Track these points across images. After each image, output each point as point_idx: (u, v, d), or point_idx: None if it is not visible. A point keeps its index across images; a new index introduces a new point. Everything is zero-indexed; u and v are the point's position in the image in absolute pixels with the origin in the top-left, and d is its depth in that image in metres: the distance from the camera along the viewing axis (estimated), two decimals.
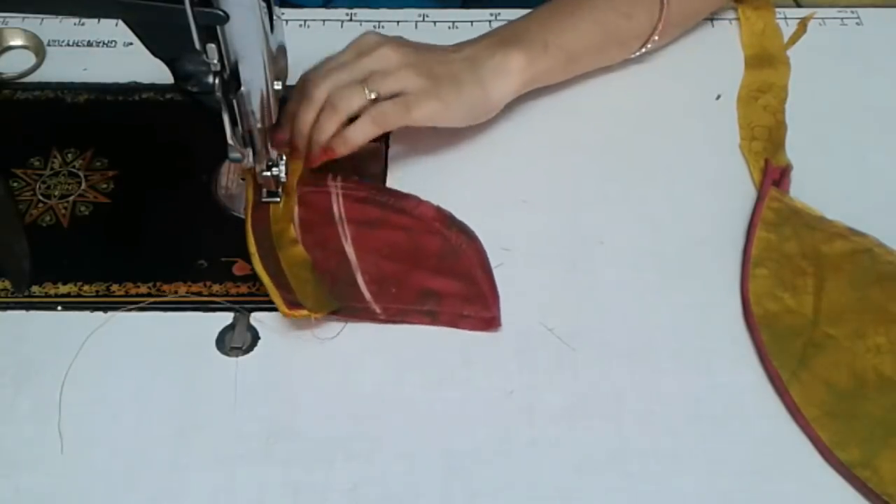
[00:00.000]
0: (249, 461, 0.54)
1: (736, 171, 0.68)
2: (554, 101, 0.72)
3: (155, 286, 0.61)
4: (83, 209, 0.65)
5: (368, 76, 0.62)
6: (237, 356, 0.58)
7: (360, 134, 0.61)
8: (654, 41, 0.72)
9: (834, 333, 0.59)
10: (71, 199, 0.65)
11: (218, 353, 0.58)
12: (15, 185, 0.65)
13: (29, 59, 0.74)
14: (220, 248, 0.62)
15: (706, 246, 0.64)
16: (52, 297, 0.60)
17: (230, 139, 0.56)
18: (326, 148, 0.62)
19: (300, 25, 0.78)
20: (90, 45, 0.76)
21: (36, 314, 0.59)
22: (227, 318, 0.60)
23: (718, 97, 0.73)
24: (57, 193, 0.65)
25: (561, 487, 0.53)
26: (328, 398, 0.56)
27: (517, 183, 0.67)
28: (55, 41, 0.76)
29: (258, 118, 0.56)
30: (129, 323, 0.59)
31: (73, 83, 0.73)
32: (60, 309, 0.60)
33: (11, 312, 0.60)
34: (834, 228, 0.64)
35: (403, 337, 0.59)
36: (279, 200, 0.63)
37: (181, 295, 0.60)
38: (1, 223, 0.60)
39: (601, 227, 0.65)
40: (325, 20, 0.78)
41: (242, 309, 0.60)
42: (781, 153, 0.69)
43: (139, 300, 0.60)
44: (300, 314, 0.57)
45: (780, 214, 0.64)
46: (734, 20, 0.79)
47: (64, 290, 0.60)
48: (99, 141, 0.68)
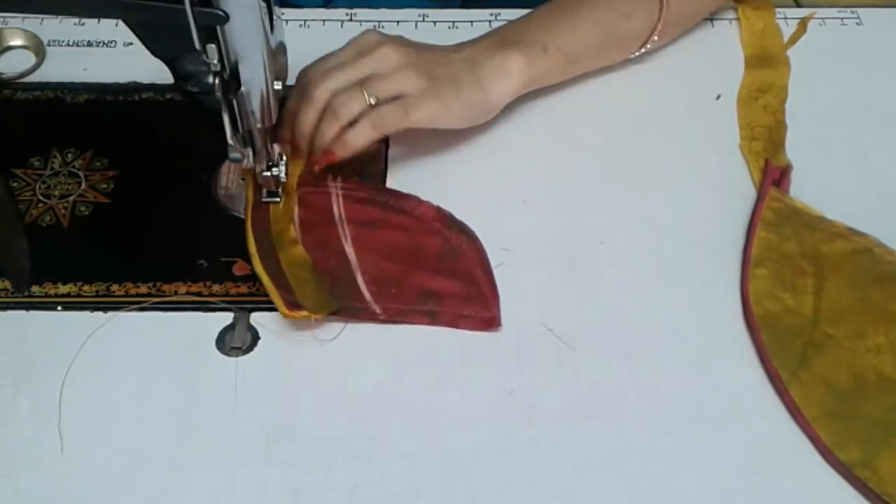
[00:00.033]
0: (249, 461, 0.54)
1: (736, 171, 0.68)
2: (554, 101, 0.72)
3: (155, 286, 0.61)
4: (83, 209, 0.65)
5: (368, 78, 0.62)
6: (237, 356, 0.58)
7: (359, 138, 0.61)
8: (653, 41, 0.72)
9: (834, 333, 0.59)
10: (71, 199, 0.65)
11: (218, 353, 0.58)
12: (15, 185, 0.65)
13: (29, 59, 0.74)
14: (220, 248, 0.62)
15: (706, 246, 0.64)
16: (52, 297, 0.60)
17: (230, 139, 0.56)
18: (327, 151, 0.62)
19: (300, 25, 0.78)
20: (90, 45, 0.76)
21: (36, 314, 0.60)
22: (227, 318, 0.60)
23: (718, 97, 0.73)
24: (57, 193, 0.65)
25: (561, 487, 0.53)
26: (328, 398, 0.56)
27: (517, 183, 0.67)
28: (55, 41, 0.76)
29: (258, 118, 0.56)
30: (129, 323, 0.59)
31: (73, 83, 0.73)
32: (60, 309, 0.60)
33: (11, 312, 0.60)
34: (834, 228, 0.64)
35: (403, 337, 0.59)
36: (279, 200, 0.63)
37: (181, 295, 0.60)
38: (1, 223, 0.60)
39: (601, 227, 0.65)
40: (325, 20, 0.78)
41: (242, 309, 0.60)
42: (781, 153, 0.69)
43: (139, 300, 0.60)
44: (300, 315, 0.57)
45: (780, 214, 0.64)
46: (734, 20, 0.79)
47: (64, 290, 0.60)
48: (99, 141, 0.68)
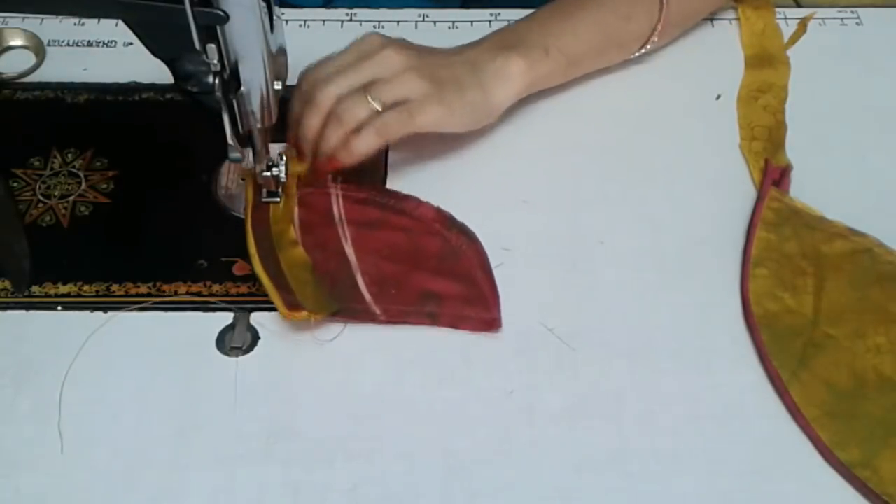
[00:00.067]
0: (249, 461, 0.54)
1: (736, 171, 0.68)
2: (554, 101, 0.72)
3: (155, 286, 0.61)
4: (83, 209, 0.65)
5: (371, 82, 0.62)
6: (237, 356, 0.58)
7: (364, 145, 0.61)
8: (653, 42, 0.72)
9: (834, 333, 0.59)
10: (71, 199, 0.65)
11: (218, 353, 0.58)
12: (15, 185, 0.65)
13: (29, 59, 0.74)
14: (220, 248, 0.62)
15: (706, 246, 0.64)
16: (52, 297, 0.60)
17: (230, 139, 0.56)
18: (332, 158, 0.62)
19: (300, 25, 0.78)
20: (90, 45, 0.76)
21: (36, 314, 0.59)
22: (227, 318, 0.60)
23: (718, 97, 0.73)
24: (57, 193, 0.65)
25: (561, 487, 0.53)
26: (328, 398, 0.56)
27: (517, 183, 0.67)
28: (55, 41, 0.76)
29: (258, 118, 0.56)
30: (129, 323, 0.59)
31: (73, 83, 0.73)
32: (60, 309, 0.60)
33: (11, 312, 0.60)
34: (834, 228, 0.64)
35: (403, 337, 0.59)
36: (279, 200, 0.63)
37: (181, 295, 0.60)
38: (1, 223, 0.60)
39: (601, 227, 0.65)
40: (325, 20, 0.78)
41: (242, 309, 0.60)
42: (781, 153, 0.69)
43: (139, 300, 0.60)
44: (300, 316, 0.57)
45: (780, 214, 0.64)
46: (734, 20, 0.79)
47: (64, 290, 0.60)
48: (99, 141, 0.68)
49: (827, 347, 0.58)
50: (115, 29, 0.76)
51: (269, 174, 0.61)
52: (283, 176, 0.62)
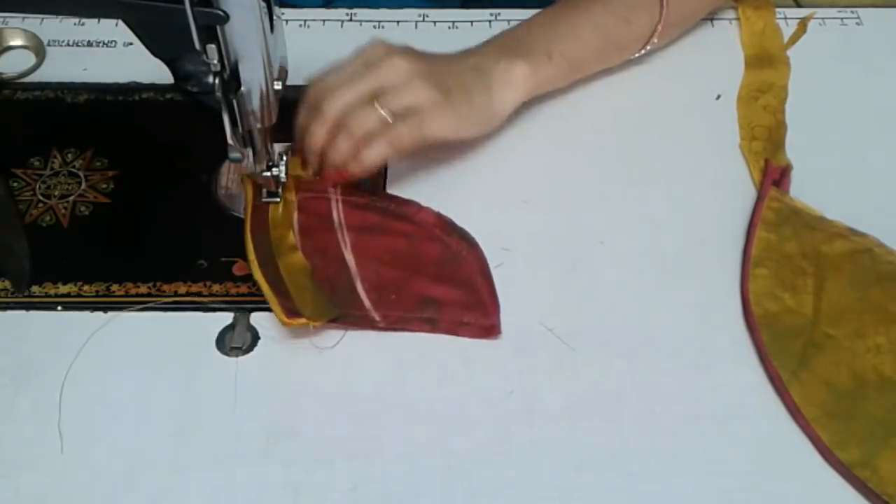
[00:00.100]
0: (249, 461, 0.54)
1: (736, 171, 0.68)
2: (554, 101, 0.72)
3: (155, 286, 0.61)
4: (83, 209, 0.65)
5: (380, 91, 0.61)
6: (237, 356, 0.58)
7: (376, 156, 0.61)
8: (653, 43, 0.72)
9: (834, 333, 0.59)
10: (71, 199, 0.65)
11: (218, 353, 0.58)
12: (15, 185, 0.65)
13: (29, 59, 0.74)
14: (220, 248, 0.62)
15: (706, 246, 0.64)
16: (52, 297, 0.60)
17: (230, 139, 0.56)
18: (341, 169, 0.62)
19: (300, 25, 0.78)
20: (90, 45, 0.76)
21: (36, 314, 0.59)
22: (227, 318, 0.60)
23: (718, 97, 0.73)
24: (57, 193, 0.65)
25: (561, 487, 0.53)
26: (328, 398, 0.56)
27: (517, 183, 0.67)
28: (55, 41, 0.76)
29: (258, 118, 0.56)
30: (129, 323, 0.59)
31: (73, 83, 0.73)
32: (60, 309, 0.60)
33: (11, 312, 0.60)
34: (834, 228, 0.64)
35: (403, 337, 0.59)
36: (279, 200, 0.63)
37: (181, 295, 0.60)
38: (1, 223, 0.60)
39: (601, 227, 0.65)
40: (325, 20, 0.78)
41: (242, 309, 0.60)
42: (781, 153, 0.69)
43: (139, 300, 0.60)
44: (299, 323, 0.57)
45: (780, 214, 0.64)
46: (734, 20, 0.79)
47: (64, 290, 0.60)
48: (99, 141, 0.68)
49: (827, 347, 0.58)
50: (115, 29, 0.76)
51: (269, 174, 0.61)
52: (282, 176, 0.62)
